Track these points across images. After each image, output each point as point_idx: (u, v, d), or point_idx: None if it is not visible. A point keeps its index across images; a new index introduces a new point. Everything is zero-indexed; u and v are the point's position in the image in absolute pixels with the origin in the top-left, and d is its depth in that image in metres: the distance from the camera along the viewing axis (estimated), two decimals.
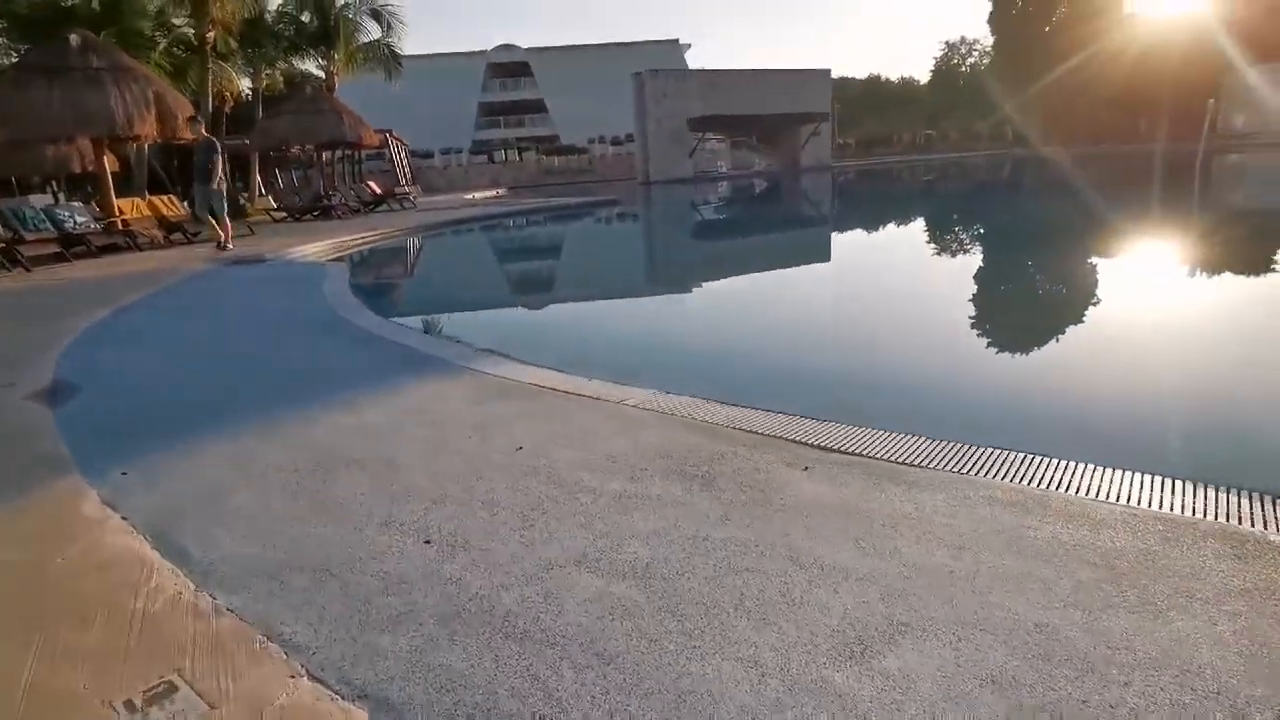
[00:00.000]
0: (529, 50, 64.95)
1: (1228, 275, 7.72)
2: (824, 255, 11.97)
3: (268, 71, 25.56)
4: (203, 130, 11.87)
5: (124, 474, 2.76)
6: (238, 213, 19.14)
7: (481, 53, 64.44)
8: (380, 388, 3.77)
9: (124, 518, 2.39)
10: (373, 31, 26.15)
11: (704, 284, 9.37)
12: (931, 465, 2.54)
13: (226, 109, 22.94)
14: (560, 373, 3.96)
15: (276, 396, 3.75)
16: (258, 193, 25.39)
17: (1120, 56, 45.30)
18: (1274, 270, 7.84)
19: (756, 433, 2.93)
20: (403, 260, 13.77)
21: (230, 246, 11.38)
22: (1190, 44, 43.32)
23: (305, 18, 24.67)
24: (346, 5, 24.41)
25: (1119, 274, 8.27)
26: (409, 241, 15.32)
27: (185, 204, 15.69)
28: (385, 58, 27.03)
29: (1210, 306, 6.23)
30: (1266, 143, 35.30)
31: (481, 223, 19.02)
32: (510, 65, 65.52)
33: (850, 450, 2.69)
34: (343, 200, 20.72)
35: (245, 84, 25.67)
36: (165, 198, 15.36)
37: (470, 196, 33.37)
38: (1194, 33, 43.09)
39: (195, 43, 19.85)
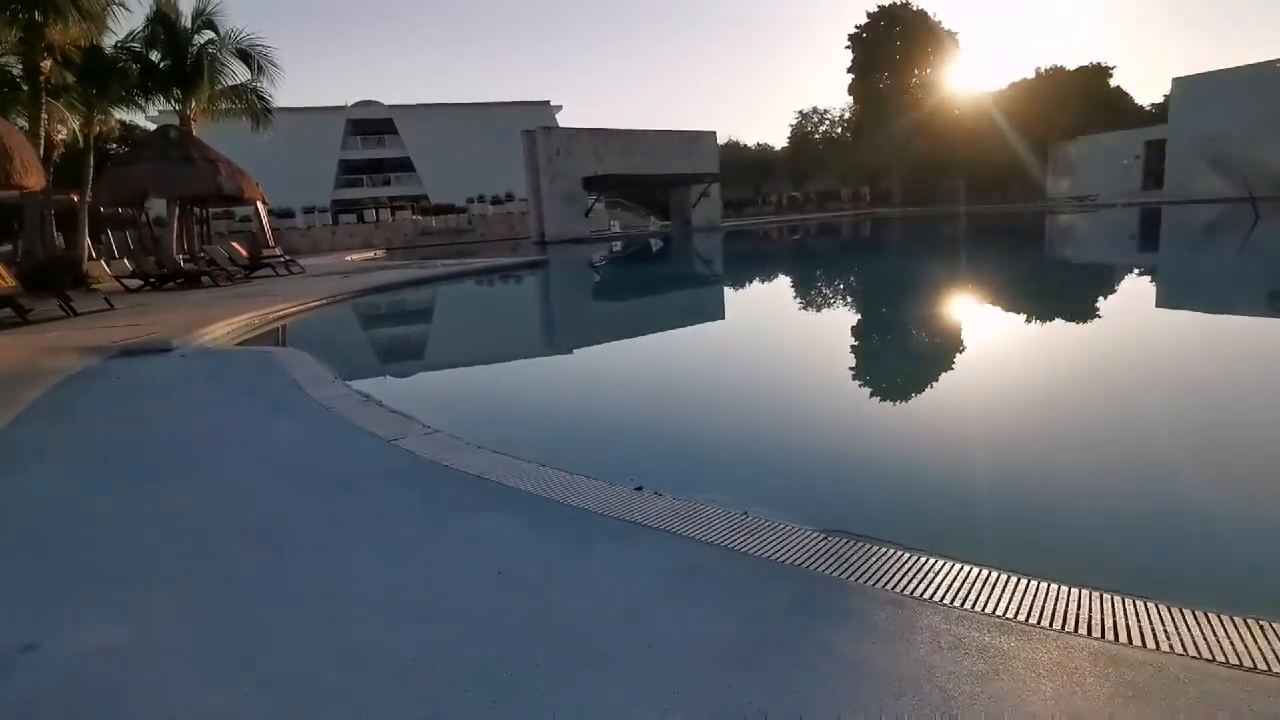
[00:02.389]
0: (393, 107, 61.97)
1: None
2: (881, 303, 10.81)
3: (100, 116, 21.37)
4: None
5: None
6: (78, 282, 15.32)
7: (341, 108, 60.63)
8: None
9: None
10: (239, 74, 22.82)
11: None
12: None
13: (55, 156, 18.81)
14: None
15: None
16: (87, 256, 20.91)
17: (963, 128, 50.02)
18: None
19: None
20: (384, 340, 10.67)
21: None
22: (1018, 119, 48.66)
23: (155, 56, 21.04)
24: (211, 41, 21.07)
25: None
26: (353, 312, 12.43)
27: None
28: (253, 104, 23.64)
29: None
30: (1095, 204, 39.54)
31: (418, 287, 15.97)
32: (372, 122, 62.12)
33: None
34: (212, 263, 17.35)
35: (62, 130, 21.30)
36: None
37: (350, 259, 30.18)
38: (1020, 110, 48.46)
39: (21, 74, 16.03)
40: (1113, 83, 52.18)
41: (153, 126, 46.21)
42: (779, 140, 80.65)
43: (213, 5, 21.39)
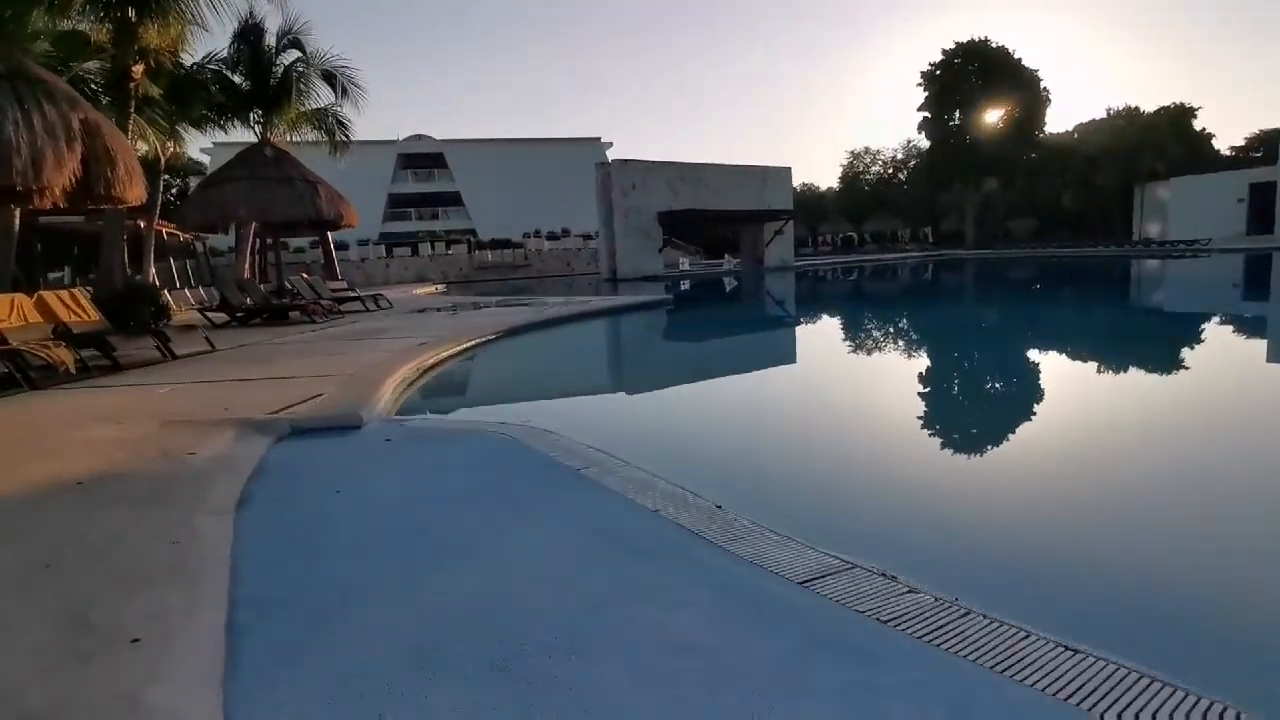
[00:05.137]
0: (444, 141, 61.26)
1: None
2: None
3: (170, 142, 19.70)
4: None
5: None
6: (159, 314, 13.38)
7: (392, 142, 59.97)
8: None
9: None
10: (322, 96, 21.21)
11: None
12: None
13: None
14: None
15: None
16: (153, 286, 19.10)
17: (1040, 167, 47.80)
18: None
19: None
20: (645, 418, 6.81)
21: None
22: (1099, 160, 46.36)
23: (238, 78, 19.52)
24: (298, 60, 19.53)
25: None
26: (516, 360, 10.18)
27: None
28: (334, 129, 21.95)
29: None
30: (1184, 251, 36.82)
31: (558, 327, 13.43)
32: (423, 156, 61.43)
33: None
34: (298, 295, 15.43)
35: (143, 147, 19.69)
36: (65, 293, 9.66)
37: (417, 293, 28.29)
38: (1105, 149, 46.19)
39: (100, 86, 14.35)
40: (1197, 124, 49.90)
41: (207, 159, 45.47)
42: (823, 180, 79.07)
43: (300, 24, 19.97)
